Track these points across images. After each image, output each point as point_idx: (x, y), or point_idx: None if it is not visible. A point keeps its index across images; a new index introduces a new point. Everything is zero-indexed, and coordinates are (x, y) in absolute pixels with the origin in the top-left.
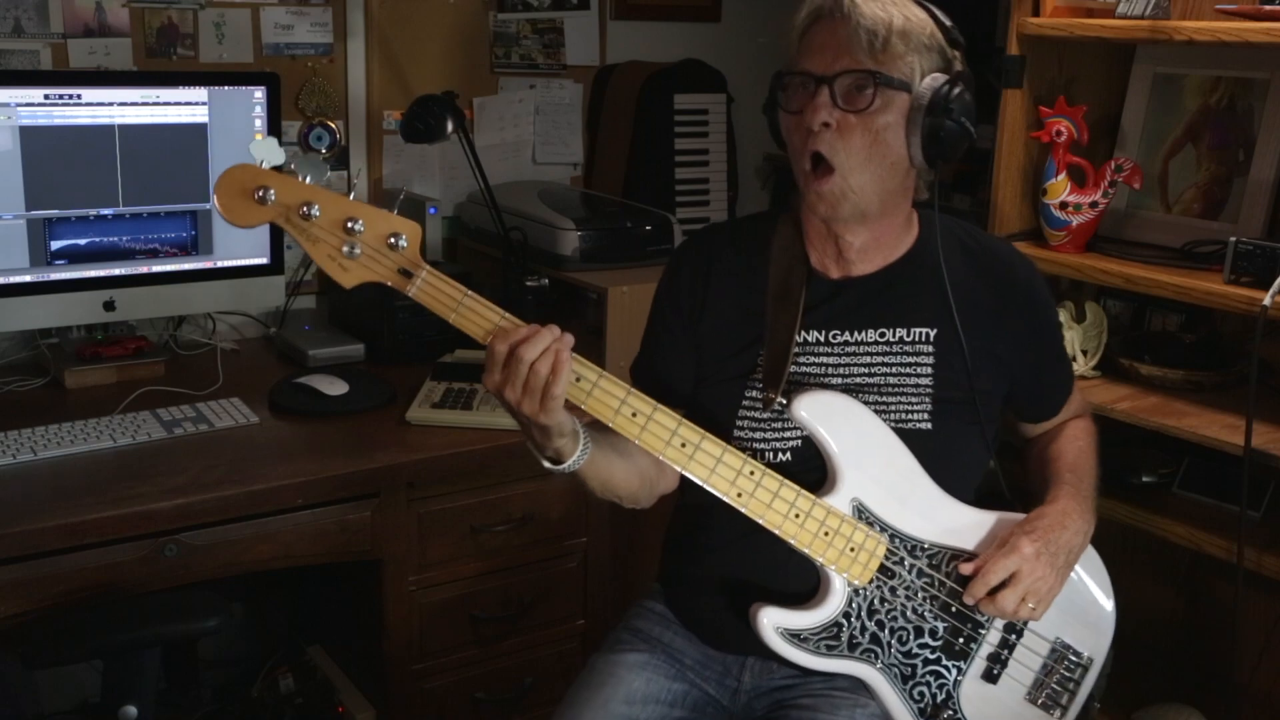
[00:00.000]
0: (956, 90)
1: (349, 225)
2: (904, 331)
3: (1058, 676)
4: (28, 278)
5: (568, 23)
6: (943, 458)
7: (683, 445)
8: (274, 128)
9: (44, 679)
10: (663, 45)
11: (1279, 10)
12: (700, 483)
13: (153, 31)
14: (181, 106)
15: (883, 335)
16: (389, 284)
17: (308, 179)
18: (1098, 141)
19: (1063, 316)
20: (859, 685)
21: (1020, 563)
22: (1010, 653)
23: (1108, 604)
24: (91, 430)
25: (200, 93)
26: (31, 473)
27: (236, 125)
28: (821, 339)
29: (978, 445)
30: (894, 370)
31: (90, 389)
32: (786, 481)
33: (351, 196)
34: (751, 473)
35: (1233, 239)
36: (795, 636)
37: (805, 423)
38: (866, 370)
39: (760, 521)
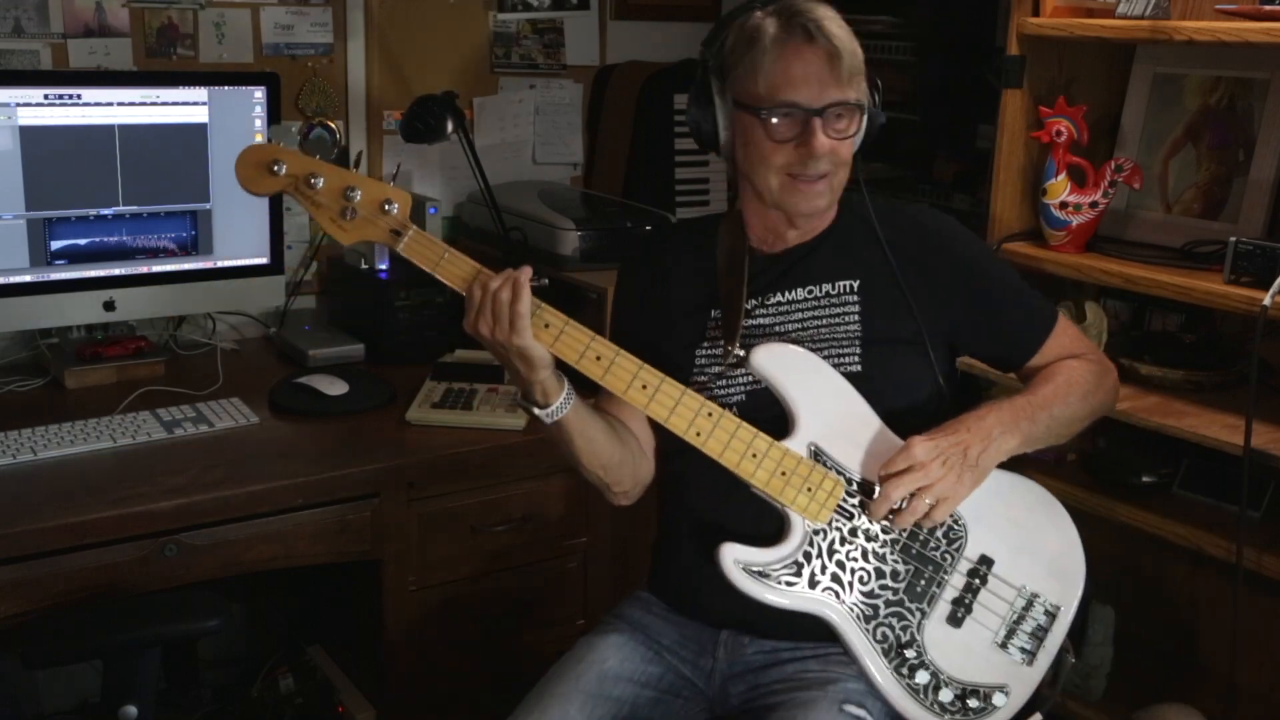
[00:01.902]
0: (878, 96)
1: (348, 193)
2: (829, 286)
3: (1028, 625)
4: (28, 278)
5: (568, 23)
6: (878, 397)
7: (644, 387)
8: None
9: (44, 679)
10: (663, 45)
11: (1279, 10)
12: (660, 423)
13: (153, 31)
14: (181, 106)
15: (810, 292)
16: (381, 241)
17: (317, 156)
18: (1098, 141)
19: (1063, 316)
20: (829, 660)
21: (910, 460)
22: (974, 597)
23: (1077, 554)
24: (91, 430)
25: (200, 93)
26: (31, 473)
27: (236, 125)
28: (759, 303)
29: (913, 382)
30: (824, 322)
31: (90, 389)
32: (743, 423)
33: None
34: (709, 414)
35: (1233, 239)
36: (757, 572)
37: (763, 372)
38: (800, 325)
39: (719, 460)
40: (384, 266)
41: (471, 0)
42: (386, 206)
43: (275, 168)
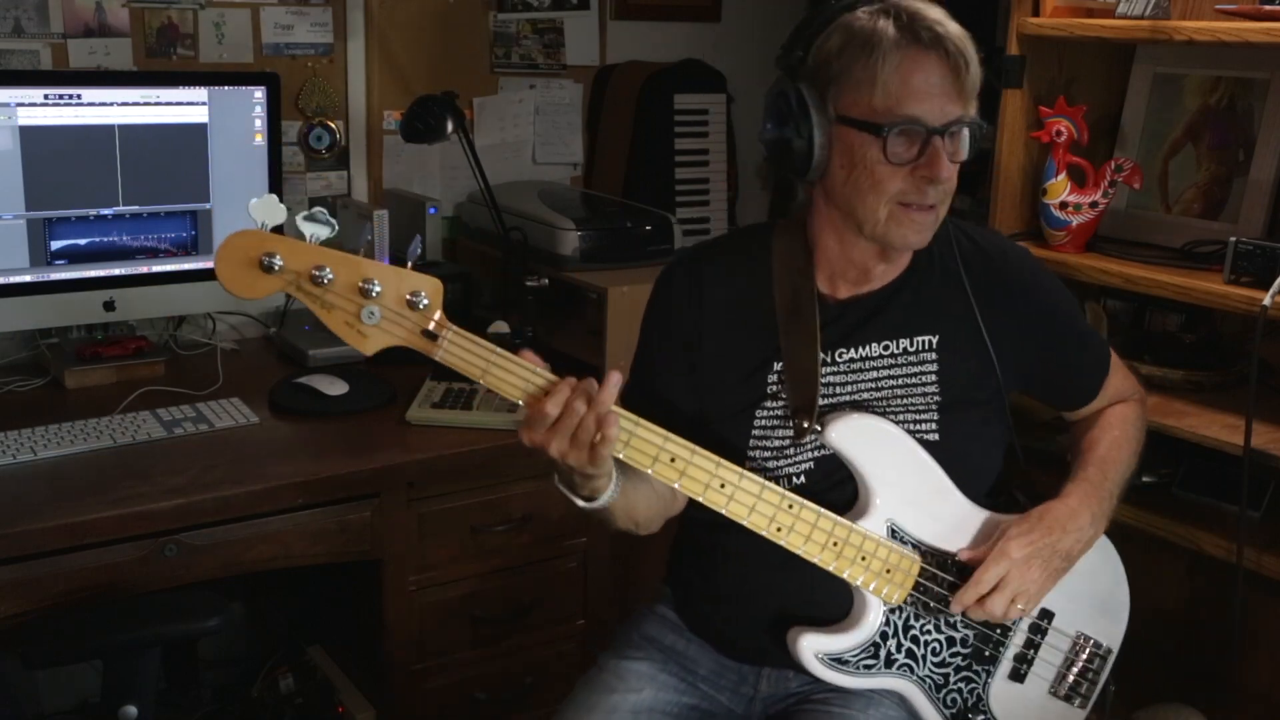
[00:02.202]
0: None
1: (365, 288)
2: (907, 342)
3: (1078, 668)
4: (28, 278)
5: (568, 23)
6: (953, 466)
7: (722, 486)
8: (274, 127)
9: (44, 679)
10: (663, 45)
11: (1279, 10)
12: (737, 520)
13: (153, 31)
14: (181, 106)
15: (886, 348)
16: (412, 347)
17: (315, 239)
18: (1098, 141)
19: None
20: (875, 693)
21: (1009, 567)
22: (1035, 652)
23: (1123, 591)
24: (91, 430)
25: (200, 93)
26: (31, 473)
27: (236, 125)
28: (827, 359)
29: (988, 447)
30: (900, 382)
31: (90, 389)
32: (824, 512)
33: (361, 254)
34: (790, 506)
35: (1233, 239)
36: (837, 660)
37: (840, 449)
38: (873, 385)
39: (798, 552)
40: None
41: (471, 0)
42: (412, 299)
43: (269, 262)
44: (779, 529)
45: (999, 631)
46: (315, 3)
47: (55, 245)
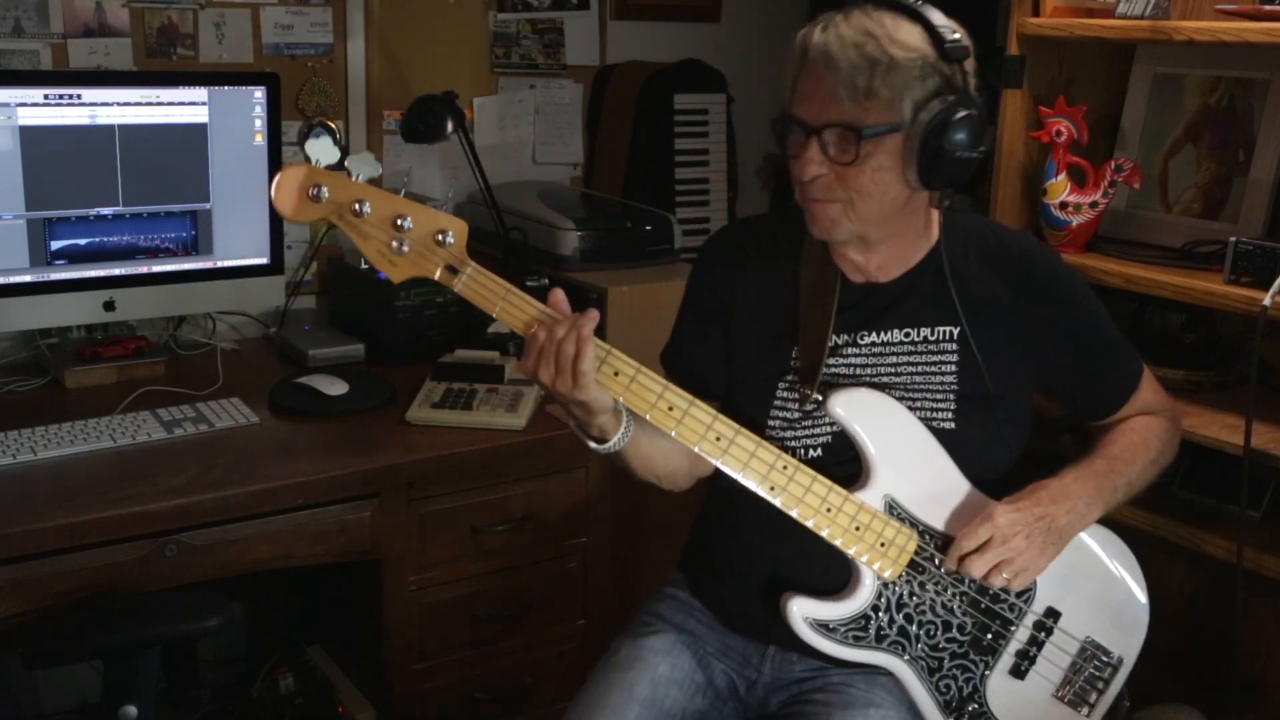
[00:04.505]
0: (958, 115)
1: (398, 222)
2: (928, 331)
3: (1086, 675)
4: (28, 278)
5: (568, 23)
6: (967, 455)
7: (717, 439)
8: (274, 128)
9: (44, 679)
10: (663, 45)
11: (1279, 10)
12: (734, 474)
13: (153, 31)
14: (181, 106)
15: (908, 335)
16: (435, 279)
17: (360, 177)
18: (1098, 141)
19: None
20: (875, 683)
21: (992, 530)
22: (1039, 650)
23: (1142, 604)
24: (91, 430)
25: (200, 93)
26: (31, 473)
27: (236, 125)
28: (850, 340)
29: (1004, 443)
30: (919, 369)
31: (90, 389)
32: (819, 477)
33: (402, 194)
34: (785, 467)
35: (1233, 239)
36: (823, 626)
37: (841, 419)
38: (893, 370)
39: (792, 514)
40: None
41: (471, 0)
42: (440, 237)
43: (316, 193)
44: (772, 487)
45: (998, 622)
46: (315, 3)
47: (55, 245)
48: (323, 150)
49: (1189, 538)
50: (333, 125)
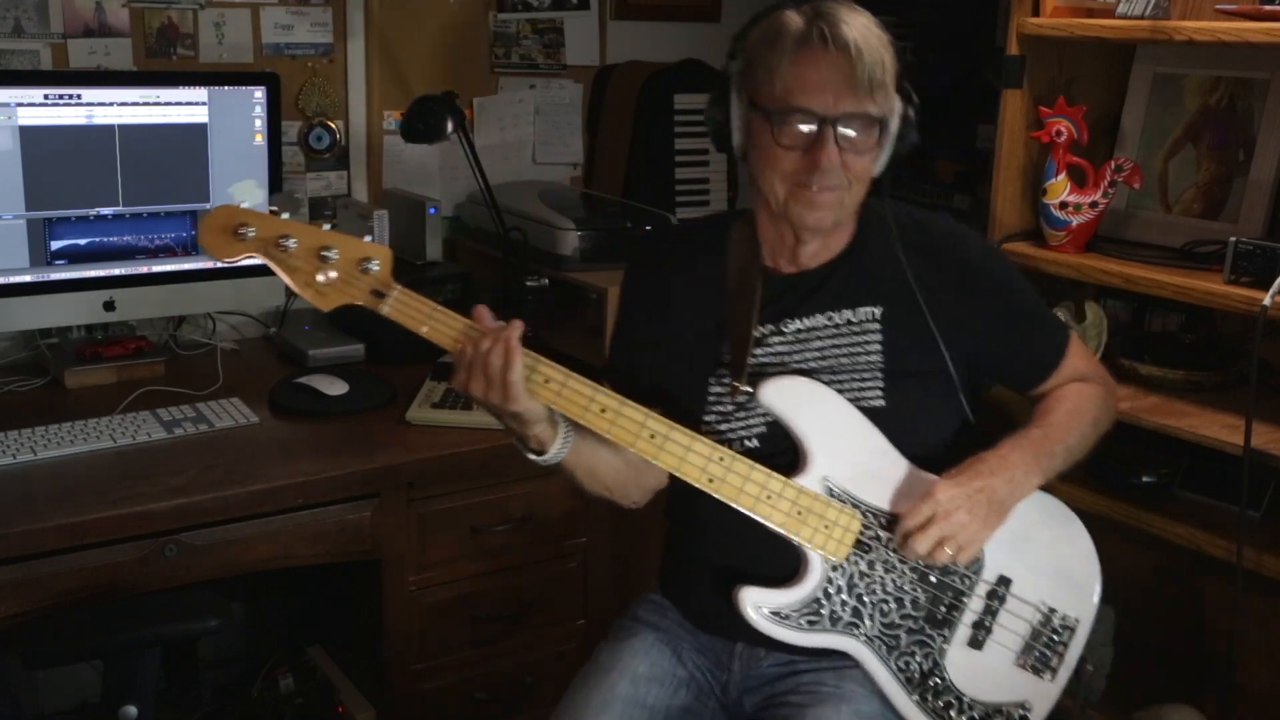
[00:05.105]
0: (913, 113)
1: (323, 254)
2: (850, 313)
3: (1045, 640)
4: (28, 278)
5: (568, 23)
6: (901, 432)
7: (651, 437)
8: (274, 128)
9: (44, 679)
10: (663, 45)
11: (1279, 10)
12: (674, 471)
13: (153, 31)
14: (181, 106)
15: (830, 319)
16: (363, 304)
17: (284, 216)
18: (1098, 141)
19: (1062, 316)
20: (845, 676)
21: (934, 507)
22: (994, 619)
23: (1089, 565)
24: (91, 430)
25: (200, 93)
26: (31, 473)
27: (236, 125)
28: (775, 330)
29: (940, 418)
30: (845, 350)
31: (90, 389)
32: (756, 465)
33: (327, 227)
34: (721, 459)
35: (1233, 239)
36: (777, 615)
37: (771, 407)
38: (819, 354)
39: (734, 506)
40: None
41: (471, 0)
42: (365, 265)
43: (241, 231)
44: (710, 480)
45: (950, 594)
46: (315, 3)
47: (55, 245)
48: (247, 192)
49: (1189, 538)
50: (333, 125)
